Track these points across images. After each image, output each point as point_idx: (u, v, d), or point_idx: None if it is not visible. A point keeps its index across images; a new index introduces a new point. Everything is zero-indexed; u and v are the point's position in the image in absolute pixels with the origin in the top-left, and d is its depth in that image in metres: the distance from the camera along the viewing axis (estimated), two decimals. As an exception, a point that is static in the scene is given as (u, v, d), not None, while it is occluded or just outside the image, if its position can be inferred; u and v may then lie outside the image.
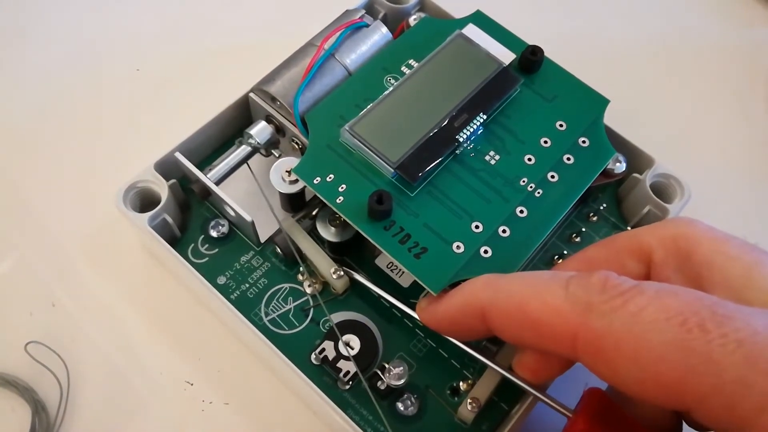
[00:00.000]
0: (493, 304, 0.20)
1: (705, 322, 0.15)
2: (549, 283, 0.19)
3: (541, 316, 0.18)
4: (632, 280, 0.17)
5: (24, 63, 0.35)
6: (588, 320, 0.17)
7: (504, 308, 0.20)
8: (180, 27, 0.37)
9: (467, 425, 0.25)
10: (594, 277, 0.18)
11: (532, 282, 0.19)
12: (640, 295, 0.17)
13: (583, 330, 0.17)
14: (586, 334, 0.17)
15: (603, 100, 0.27)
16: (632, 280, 0.17)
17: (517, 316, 0.19)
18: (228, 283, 0.27)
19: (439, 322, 0.22)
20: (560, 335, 0.18)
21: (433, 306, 0.23)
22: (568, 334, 0.18)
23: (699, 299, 0.16)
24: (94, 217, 0.30)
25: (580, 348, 0.17)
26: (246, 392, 0.27)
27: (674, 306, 0.16)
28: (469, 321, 0.21)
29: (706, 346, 0.15)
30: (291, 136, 0.28)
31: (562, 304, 0.18)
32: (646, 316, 0.16)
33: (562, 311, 0.18)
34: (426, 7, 0.32)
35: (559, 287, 0.18)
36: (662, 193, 0.28)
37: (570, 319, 0.18)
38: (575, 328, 0.17)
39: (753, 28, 0.39)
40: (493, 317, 0.20)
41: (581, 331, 0.17)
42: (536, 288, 0.19)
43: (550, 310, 0.18)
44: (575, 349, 0.18)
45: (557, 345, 0.18)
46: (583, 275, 0.18)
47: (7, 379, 0.26)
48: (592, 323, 0.17)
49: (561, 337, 0.18)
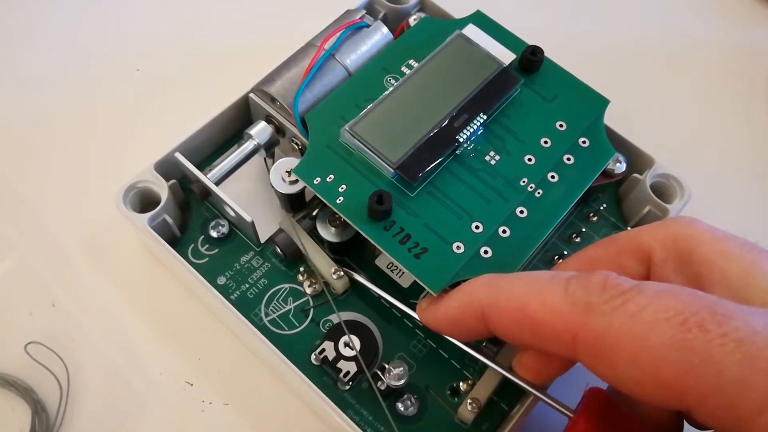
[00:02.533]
0: (492, 304, 0.20)
1: (704, 322, 0.15)
2: (549, 283, 0.19)
3: (541, 317, 0.18)
4: (632, 280, 0.18)
5: (25, 63, 0.35)
6: (588, 320, 0.17)
7: (504, 308, 0.20)
8: (180, 27, 0.37)
9: (467, 425, 0.25)
10: (594, 277, 0.18)
11: (532, 282, 0.19)
12: (639, 295, 0.17)
13: (582, 330, 0.17)
14: (586, 334, 0.17)
15: (603, 100, 0.27)
16: (632, 280, 0.18)
17: (517, 316, 0.19)
18: (228, 283, 0.27)
19: (439, 322, 0.22)
20: (560, 335, 0.18)
21: (433, 306, 0.23)
22: (568, 334, 0.18)
23: (698, 299, 0.16)
24: (94, 217, 0.30)
25: (580, 348, 0.18)
26: (246, 392, 0.27)
27: (674, 306, 0.16)
28: (469, 321, 0.21)
29: (705, 346, 0.15)
30: (291, 136, 0.28)
31: (562, 304, 0.18)
32: (645, 315, 0.16)
33: (562, 311, 0.18)
34: (426, 7, 0.32)
35: (558, 287, 0.18)
36: (662, 193, 0.28)
37: (570, 319, 0.18)
38: (575, 328, 0.17)
39: (753, 28, 0.39)
40: (492, 318, 0.20)
41: (581, 331, 0.17)
42: (536, 288, 0.19)
43: (550, 310, 0.18)
44: (575, 349, 0.18)
45: (557, 345, 0.18)
46: (582, 275, 0.18)
47: (7, 380, 0.26)
48: (591, 323, 0.17)
49: (561, 338, 0.18)
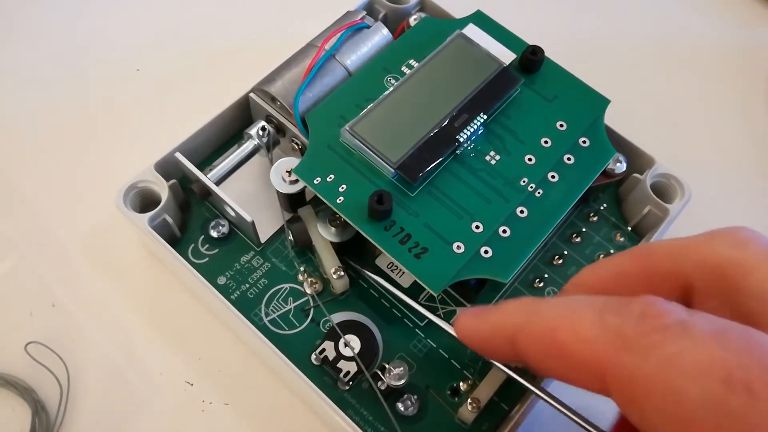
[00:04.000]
0: (524, 328, 0.18)
1: (753, 382, 0.13)
2: (582, 307, 0.16)
3: (569, 345, 0.16)
4: (679, 310, 0.15)
5: (25, 63, 0.35)
6: (619, 355, 0.15)
7: (533, 333, 0.18)
8: (180, 27, 0.37)
9: (467, 425, 0.25)
10: (634, 304, 0.15)
11: (566, 305, 0.17)
12: (682, 336, 0.14)
13: (612, 366, 0.15)
14: (616, 371, 0.15)
15: (603, 100, 0.27)
16: (679, 310, 0.15)
17: (545, 342, 0.17)
18: (228, 283, 0.27)
19: (471, 337, 0.21)
20: (589, 368, 0.16)
21: (468, 320, 0.21)
22: (598, 367, 0.15)
23: (750, 351, 0.14)
24: (95, 217, 0.30)
25: (610, 385, 0.15)
26: (246, 392, 0.27)
27: (720, 355, 0.14)
28: (499, 342, 0.19)
29: (748, 412, 0.13)
30: (291, 136, 0.28)
31: (593, 332, 0.16)
32: (685, 363, 0.14)
33: (592, 340, 0.16)
34: (426, 7, 0.32)
35: (591, 312, 0.16)
36: (662, 193, 0.28)
37: (600, 351, 0.15)
38: (605, 362, 0.15)
39: (753, 28, 0.39)
40: (521, 342, 0.18)
41: (610, 367, 0.15)
42: (568, 311, 0.17)
43: (580, 337, 0.16)
44: (605, 385, 0.15)
45: (586, 379, 0.16)
46: (621, 300, 0.16)
47: (7, 380, 0.26)
48: (622, 359, 0.15)
49: (589, 370, 0.16)
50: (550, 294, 0.27)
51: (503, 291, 0.27)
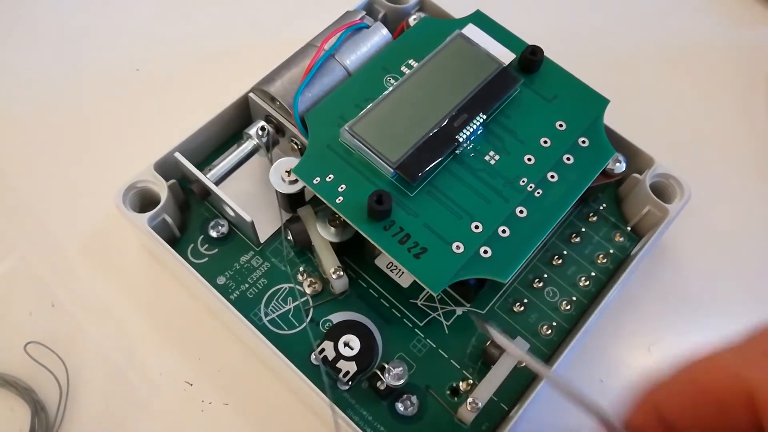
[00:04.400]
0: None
1: None
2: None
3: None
4: None
5: (25, 63, 0.35)
6: None
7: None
8: (180, 27, 0.37)
9: (467, 425, 0.25)
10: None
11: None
12: None
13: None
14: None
15: (603, 100, 0.27)
16: None
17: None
18: (228, 283, 0.27)
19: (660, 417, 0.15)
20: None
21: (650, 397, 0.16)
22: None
23: None
24: (94, 217, 0.30)
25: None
26: (246, 392, 0.27)
27: None
28: (725, 412, 0.14)
29: None
30: (290, 136, 0.28)
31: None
32: None
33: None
34: (426, 7, 0.32)
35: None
36: (662, 193, 0.28)
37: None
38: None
39: (753, 28, 0.39)
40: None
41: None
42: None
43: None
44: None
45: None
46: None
47: (6, 380, 0.26)
48: None
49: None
50: (550, 294, 0.27)
51: (503, 291, 0.27)
